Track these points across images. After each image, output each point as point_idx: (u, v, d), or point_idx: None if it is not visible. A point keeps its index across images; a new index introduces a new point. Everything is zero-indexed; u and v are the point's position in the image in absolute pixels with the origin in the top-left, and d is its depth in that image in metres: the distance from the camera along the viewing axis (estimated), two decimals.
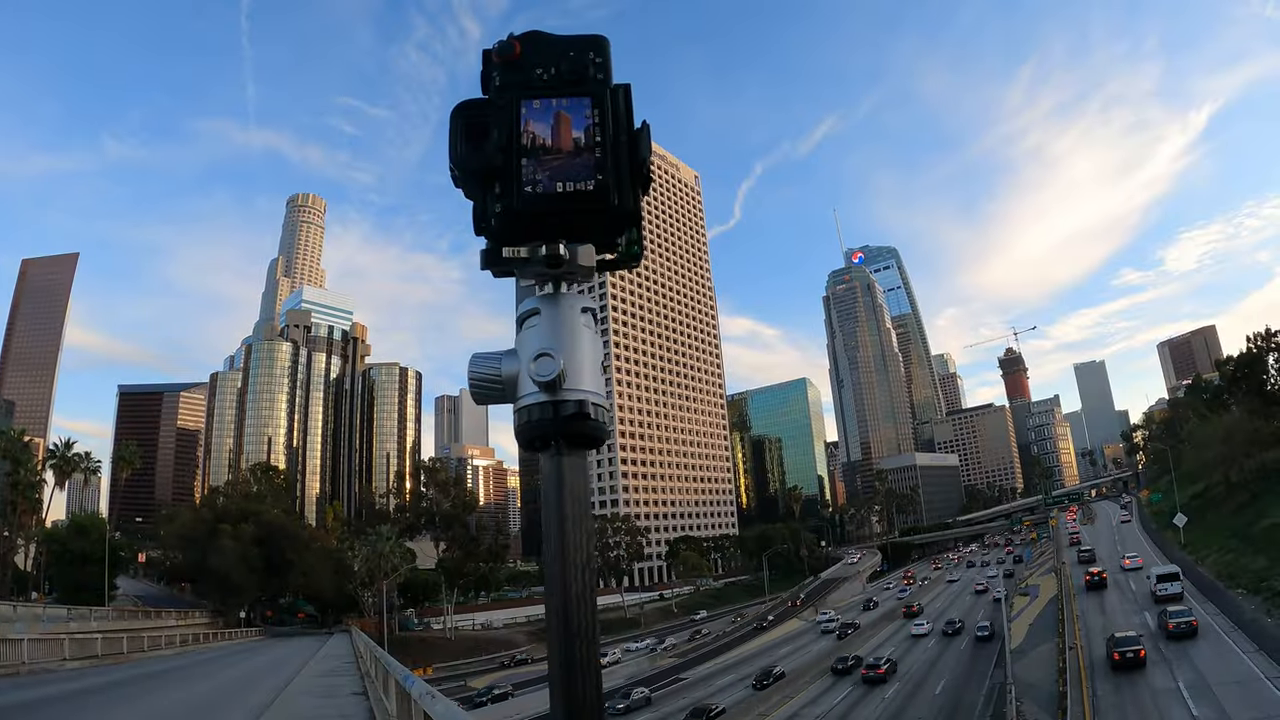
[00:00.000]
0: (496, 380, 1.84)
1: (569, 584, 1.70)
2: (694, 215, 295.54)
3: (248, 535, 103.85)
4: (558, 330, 1.84)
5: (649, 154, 1.86)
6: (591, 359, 1.85)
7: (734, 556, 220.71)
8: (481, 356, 1.88)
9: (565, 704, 1.68)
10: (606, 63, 1.89)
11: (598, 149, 1.81)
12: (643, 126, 1.86)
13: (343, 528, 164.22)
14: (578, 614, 1.69)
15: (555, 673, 1.69)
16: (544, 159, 1.80)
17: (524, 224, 1.79)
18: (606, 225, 1.86)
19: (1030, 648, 66.98)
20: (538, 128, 1.82)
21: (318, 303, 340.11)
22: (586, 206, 1.78)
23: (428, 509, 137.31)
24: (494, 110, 1.84)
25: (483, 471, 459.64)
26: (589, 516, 1.80)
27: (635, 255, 1.96)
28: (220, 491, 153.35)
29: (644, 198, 1.89)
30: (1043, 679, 55.63)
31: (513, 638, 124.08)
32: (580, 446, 1.82)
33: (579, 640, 1.68)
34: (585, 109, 1.84)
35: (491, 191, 1.81)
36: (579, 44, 1.90)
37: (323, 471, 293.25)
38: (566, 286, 1.95)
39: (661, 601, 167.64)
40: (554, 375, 1.74)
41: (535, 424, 1.79)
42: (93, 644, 44.21)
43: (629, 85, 1.90)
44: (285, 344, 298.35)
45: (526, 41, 1.89)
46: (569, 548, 1.72)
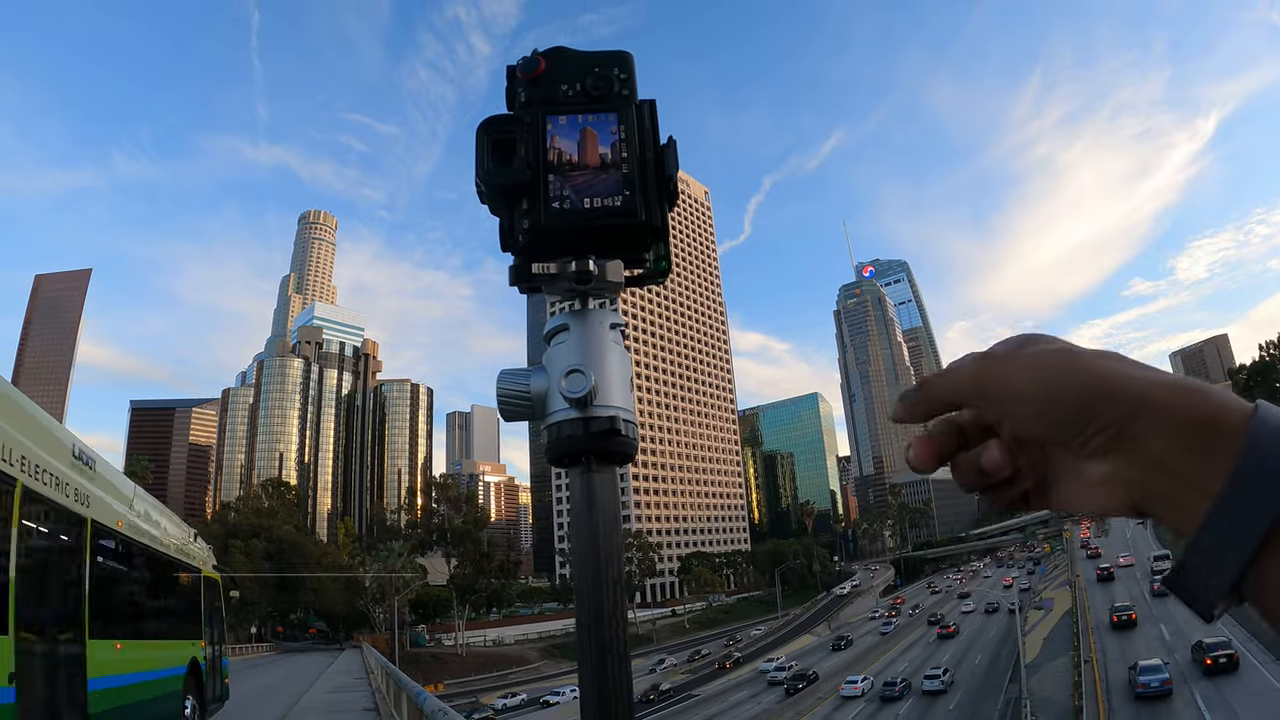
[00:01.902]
0: (525, 397, 1.81)
1: (600, 601, 1.69)
2: (704, 231, 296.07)
3: (259, 551, 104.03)
4: (587, 346, 1.81)
5: (676, 169, 1.81)
6: (621, 375, 1.83)
7: (746, 572, 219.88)
8: (510, 373, 1.84)
9: None
10: (631, 78, 1.87)
11: (624, 165, 1.78)
12: (669, 142, 1.83)
13: (354, 544, 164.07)
14: (609, 630, 1.68)
15: (587, 689, 1.68)
16: (571, 175, 1.77)
17: (552, 240, 1.76)
18: (634, 241, 1.82)
19: (1045, 662, 66.53)
20: (564, 144, 1.79)
21: (329, 319, 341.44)
22: (614, 222, 1.75)
23: (439, 525, 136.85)
24: (520, 126, 1.80)
25: (494, 488, 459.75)
26: (619, 533, 1.78)
27: (663, 271, 1.90)
28: (232, 507, 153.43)
29: (671, 212, 1.85)
30: (1058, 693, 55.22)
31: (524, 654, 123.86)
32: (611, 462, 1.80)
33: (610, 656, 1.67)
34: (611, 125, 1.81)
35: (518, 208, 1.78)
36: (604, 60, 1.88)
37: (334, 487, 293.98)
38: (594, 302, 1.91)
39: (674, 618, 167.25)
40: (585, 392, 1.72)
41: (565, 440, 1.76)
42: None
43: (654, 101, 1.88)
44: (297, 360, 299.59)
45: (551, 57, 1.87)
46: (600, 564, 1.71)
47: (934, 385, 0.85)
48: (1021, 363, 0.78)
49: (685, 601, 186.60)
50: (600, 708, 1.66)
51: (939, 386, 0.84)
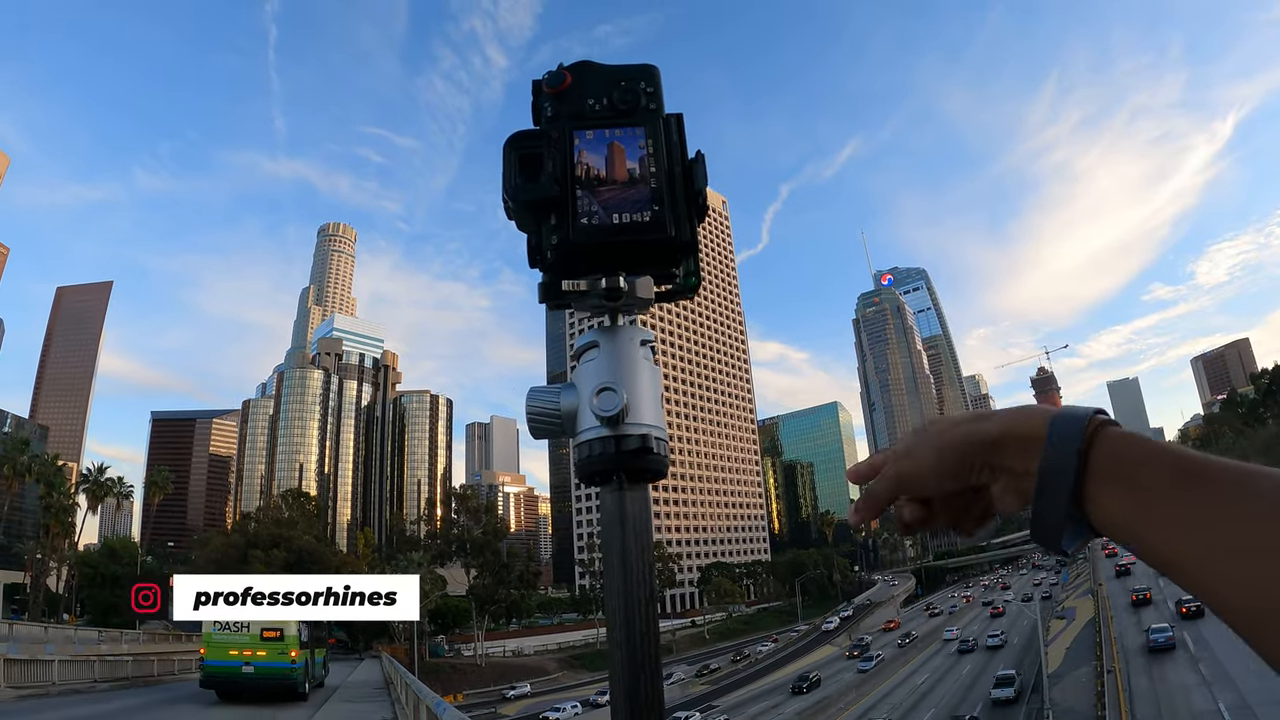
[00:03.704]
0: (555, 414, 1.81)
1: (632, 618, 1.68)
2: (722, 240, 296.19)
3: (279, 561, 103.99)
4: (618, 364, 1.79)
5: (705, 183, 1.80)
6: (652, 392, 1.82)
7: (766, 582, 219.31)
8: (539, 390, 1.84)
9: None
10: (658, 92, 1.86)
11: (653, 179, 1.77)
12: (697, 156, 1.82)
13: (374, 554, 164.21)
14: (641, 648, 1.67)
15: (618, 707, 1.67)
16: (599, 190, 1.76)
17: (581, 257, 1.75)
18: (664, 256, 1.81)
19: (1067, 671, 65.92)
20: (591, 159, 1.78)
21: (349, 331, 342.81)
22: (643, 238, 1.74)
23: (459, 535, 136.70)
24: (547, 141, 1.79)
25: (514, 498, 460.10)
26: (651, 551, 1.77)
27: (693, 286, 1.90)
28: (252, 517, 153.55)
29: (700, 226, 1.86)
30: (1081, 703, 54.71)
31: (543, 665, 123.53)
32: (642, 481, 1.79)
33: (643, 674, 1.66)
34: (639, 139, 1.80)
35: (546, 224, 1.77)
36: (630, 74, 1.87)
37: (354, 498, 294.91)
38: (623, 319, 1.92)
39: (694, 628, 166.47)
40: (617, 410, 1.71)
41: (597, 459, 1.75)
42: (123, 666, 44.26)
43: (681, 115, 1.87)
44: (317, 371, 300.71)
45: (577, 72, 1.86)
46: (632, 582, 1.70)
47: (873, 493, 1.20)
48: (920, 452, 1.11)
49: (705, 612, 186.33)
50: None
51: (877, 493, 1.19)
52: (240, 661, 29.21)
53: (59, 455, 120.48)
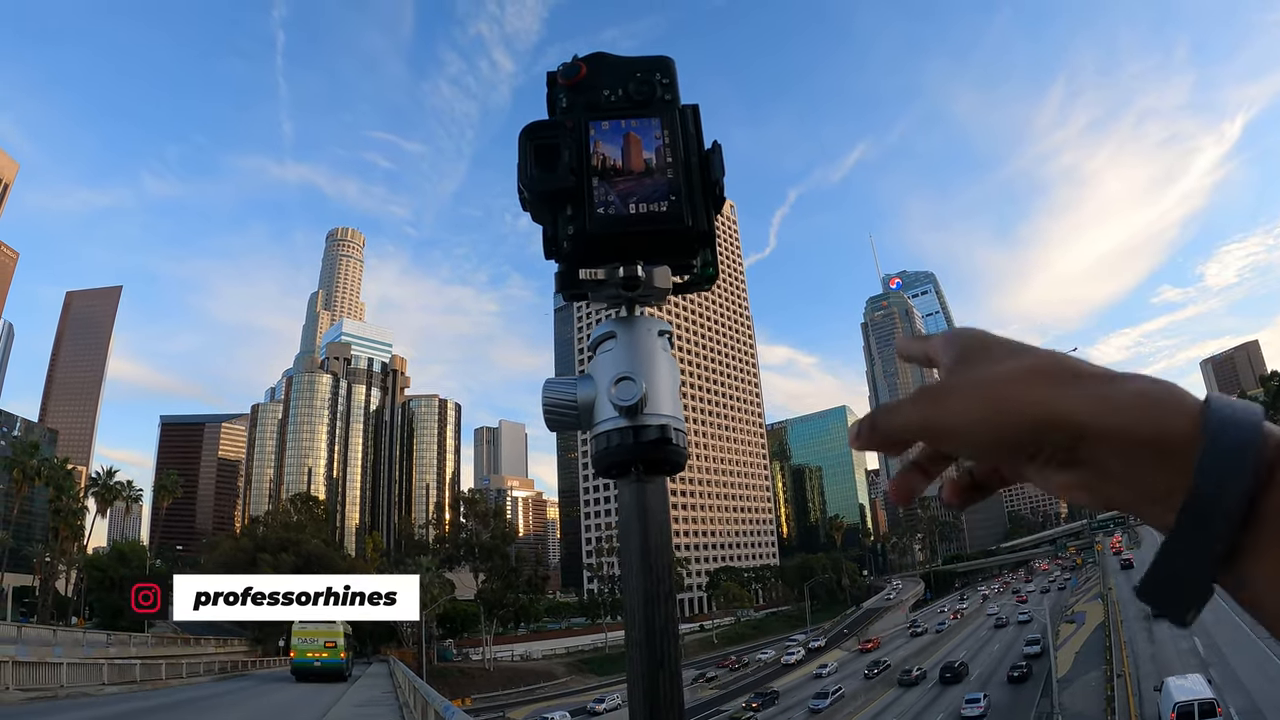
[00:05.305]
0: (572, 406, 1.78)
1: (651, 615, 1.65)
2: (730, 244, 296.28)
3: (288, 565, 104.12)
4: (636, 353, 1.77)
5: (722, 174, 1.79)
6: (670, 383, 1.79)
7: (775, 587, 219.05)
8: (556, 381, 1.80)
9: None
10: (674, 83, 1.85)
11: (669, 169, 1.76)
12: (714, 146, 1.81)
13: (382, 558, 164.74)
14: (660, 646, 1.65)
15: (637, 707, 1.64)
16: (615, 181, 1.74)
17: (597, 246, 1.73)
18: (681, 246, 1.80)
19: (1077, 676, 65.72)
20: (607, 149, 1.77)
21: (357, 335, 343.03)
22: (660, 228, 1.72)
23: (467, 540, 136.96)
24: (563, 132, 1.76)
25: (522, 503, 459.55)
26: (670, 545, 1.73)
27: (710, 277, 1.88)
28: (260, 521, 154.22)
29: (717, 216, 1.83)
30: (1091, 708, 54.56)
31: (552, 669, 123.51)
32: (661, 472, 1.76)
33: (663, 673, 1.64)
34: (655, 129, 1.79)
35: (562, 214, 1.74)
36: (645, 65, 1.86)
37: (362, 502, 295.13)
38: (640, 309, 1.89)
39: (702, 633, 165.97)
40: (636, 399, 1.68)
41: (615, 450, 1.72)
42: (131, 669, 44.31)
43: (697, 105, 1.86)
44: (325, 376, 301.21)
45: (592, 63, 1.85)
46: (651, 578, 1.67)
47: (884, 423, 0.87)
48: (961, 402, 0.81)
49: (713, 616, 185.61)
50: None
51: (889, 425, 0.86)
52: (314, 659, 47.68)
53: (68, 459, 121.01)
